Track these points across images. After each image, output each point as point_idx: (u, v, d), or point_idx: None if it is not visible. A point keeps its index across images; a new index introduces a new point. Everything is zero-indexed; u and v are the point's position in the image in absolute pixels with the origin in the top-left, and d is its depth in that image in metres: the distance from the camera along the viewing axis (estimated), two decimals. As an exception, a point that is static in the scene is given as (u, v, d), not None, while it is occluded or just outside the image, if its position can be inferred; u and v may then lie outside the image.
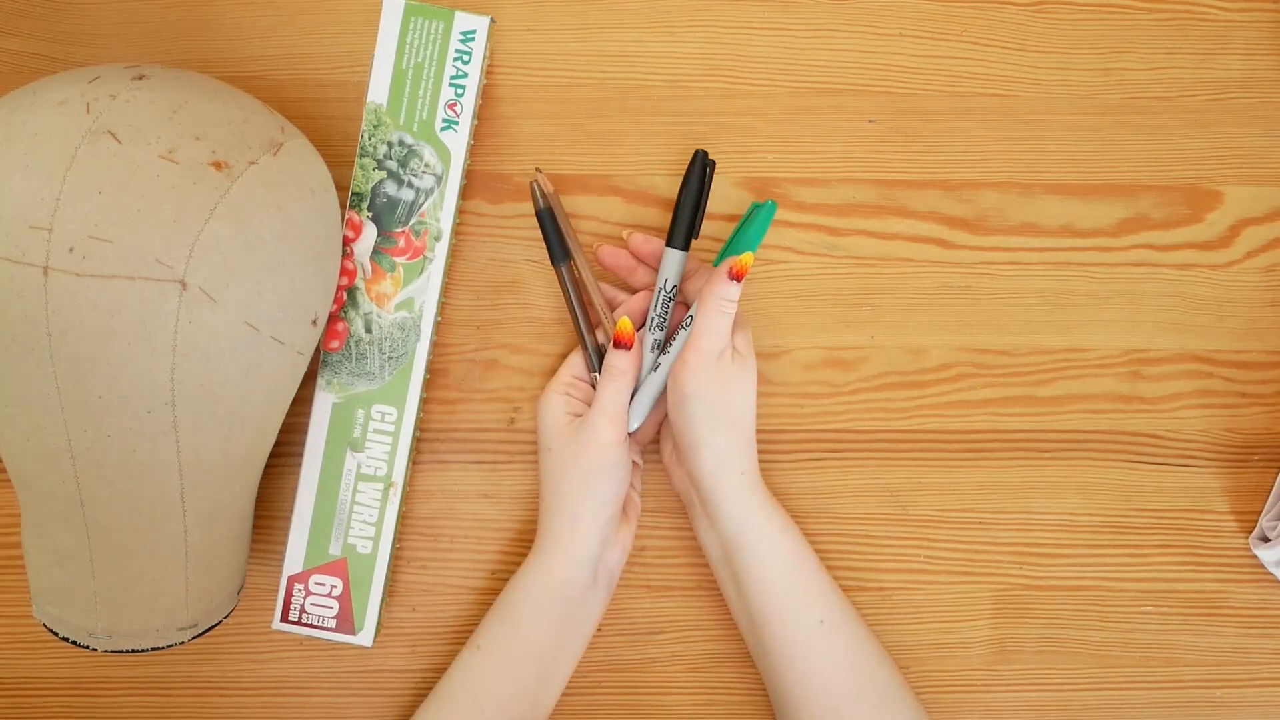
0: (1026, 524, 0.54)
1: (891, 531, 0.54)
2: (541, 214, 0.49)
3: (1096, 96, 0.53)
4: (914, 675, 0.54)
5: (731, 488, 0.47)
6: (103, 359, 0.37)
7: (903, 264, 0.53)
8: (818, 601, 0.47)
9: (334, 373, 0.49)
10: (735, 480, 0.47)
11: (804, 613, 0.47)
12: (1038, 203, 0.53)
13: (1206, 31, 0.53)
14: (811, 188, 0.53)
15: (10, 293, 0.36)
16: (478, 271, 0.52)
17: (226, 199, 0.38)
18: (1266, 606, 0.55)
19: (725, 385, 0.46)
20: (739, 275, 0.45)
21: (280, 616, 0.49)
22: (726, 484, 0.47)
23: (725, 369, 0.46)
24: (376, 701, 0.53)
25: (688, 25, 0.52)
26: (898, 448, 0.54)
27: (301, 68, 0.51)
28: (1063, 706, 0.55)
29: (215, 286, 0.38)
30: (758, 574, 0.47)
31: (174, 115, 0.38)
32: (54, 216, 0.36)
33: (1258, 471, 0.55)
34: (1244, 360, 0.54)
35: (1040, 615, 0.54)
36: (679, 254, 0.48)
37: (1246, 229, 0.54)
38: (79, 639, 0.43)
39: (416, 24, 0.48)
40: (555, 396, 0.48)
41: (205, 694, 0.52)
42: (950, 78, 0.53)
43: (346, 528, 0.49)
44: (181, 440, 0.40)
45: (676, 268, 0.48)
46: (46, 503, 0.41)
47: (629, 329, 0.46)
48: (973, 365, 0.54)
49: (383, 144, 0.48)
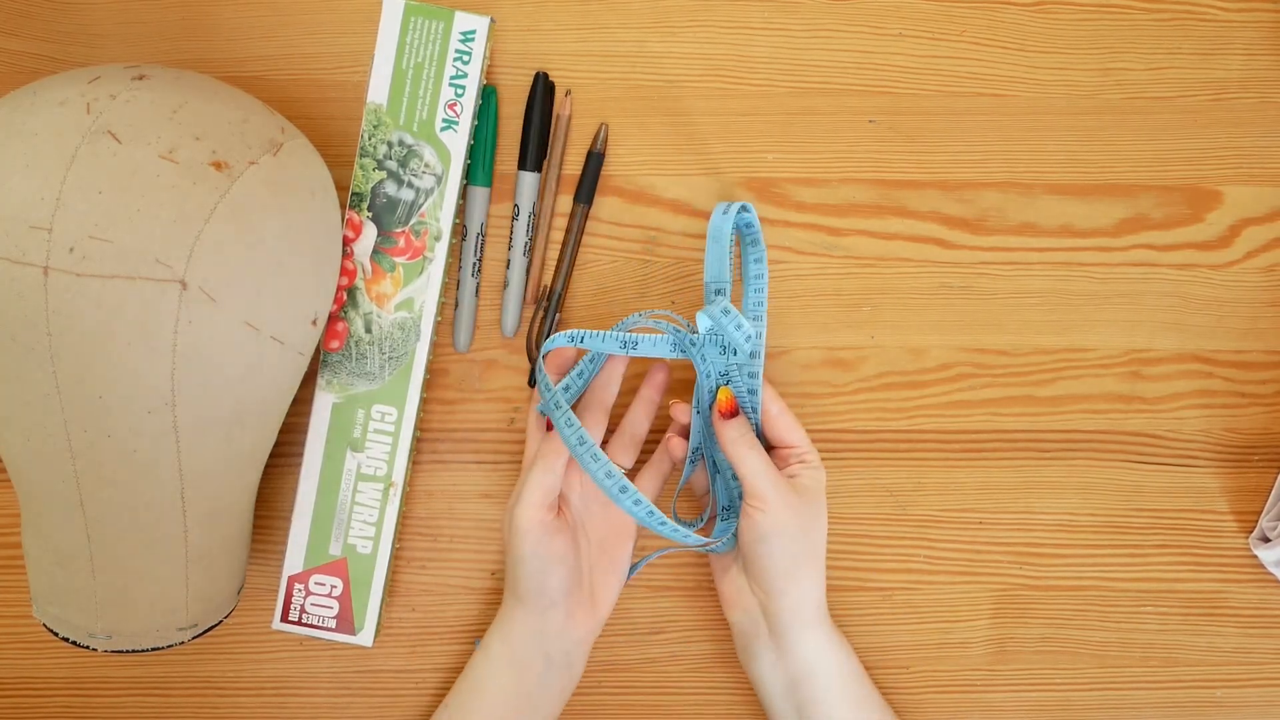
0: (1026, 524, 0.54)
1: (891, 531, 0.54)
2: (593, 155, 0.51)
3: (1096, 96, 0.53)
4: (914, 675, 0.54)
5: (808, 621, 0.47)
6: (103, 359, 0.37)
7: (903, 264, 0.53)
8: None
9: (334, 373, 0.49)
10: (816, 619, 0.47)
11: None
12: (1037, 203, 0.53)
13: (1206, 31, 0.53)
14: (811, 188, 0.53)
15: (10, 293, 0.36)
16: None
17: (226, 199, 0.38)
18: (1266, 606, 0.55)
19: (802, 520, 0.46)
20: (725, 413, 0.46)
21: (280, 616, 0.49)
22: (804, 617, 0.47)
23: (796, 503, 0.46)
24: (376, 701, 0.53)
25: (688, 25, 0.52)
26: (898, 448, 0.54)
27: (301, 68, 0.51)
28: (1063, 706, 0.55)
29: (215, 286, 0.38)
30: (825, 708, 0.47)
31: (174, 115, 0.38)
32: (54, 216, 0.36)
33: (1258, 471, 0.55)
34: (1244, 360, 0.54)
35: (1040, 615, 0.54)
36: (530, 175, 0.50)
37: (1246, 229, 0.54)
38: (79, 639, 0.43)
39: (416, 24, 0.48)
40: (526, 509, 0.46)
41: (205, 694, 0.52)
42: (950, 78, 0.53)
43: (346, 528, 0.49)
44: (181, 440, 0.40)
45: (529, 191, 0.50)
46: (46, 503, 0.41)
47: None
48: (972, 365, 0.54)
49: (383, 144, 0.48)
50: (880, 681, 0.54)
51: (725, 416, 0.46)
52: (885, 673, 0.54)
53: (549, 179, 0.51)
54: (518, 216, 0.51)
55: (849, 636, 0.52)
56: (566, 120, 0.51)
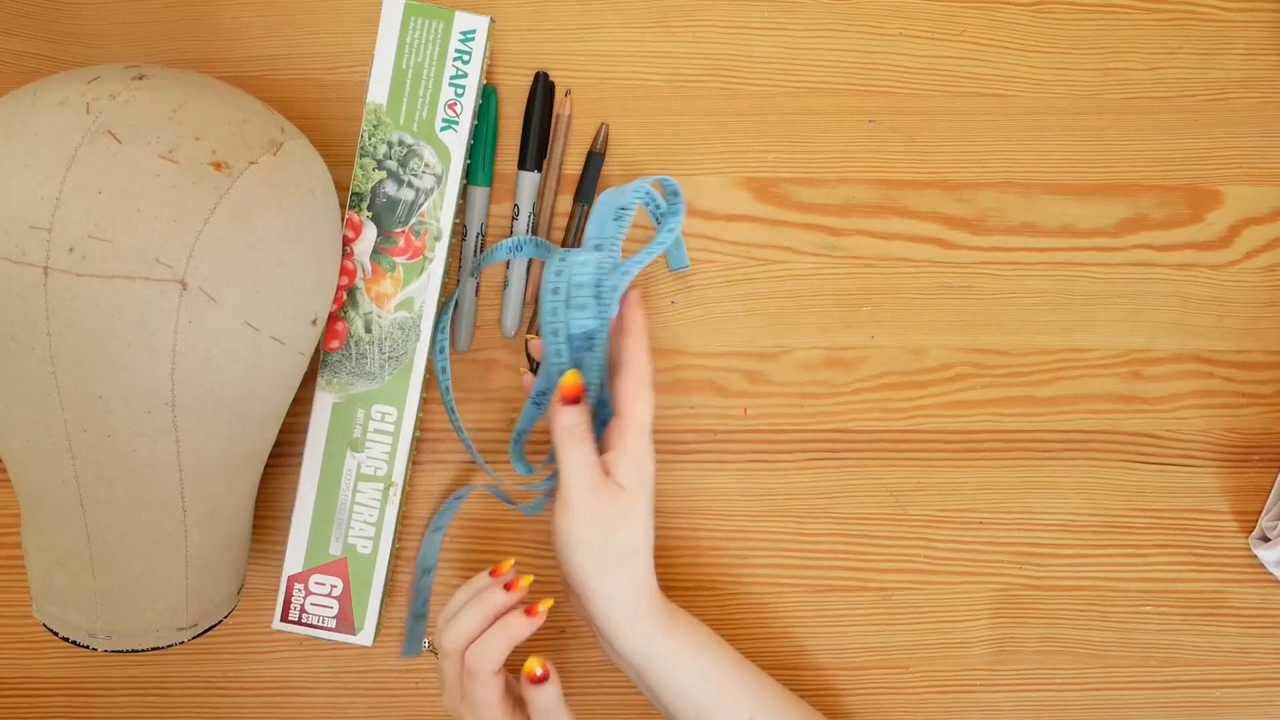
0: (1026, 524, 0.54)
1: (891, 531, 0.54)
2: (593, 155, 0.50)
3: (1096, 96, 0.53)
4: (914, 675, 0.54)
5: (625, 627, 0.44)
6: (103, 359, 0.37)
7: (903, 264, 0.53)
8: (745, 702, 0.46)
9: (334, 373, 0.49)
10: (629, 619, 0.44)
11: (731, 715, 0.45)
12: (1037, 203, 0.53)
13: (1206, 31, 0.53)
14: (811, 188, 0.53)
15: (10, 293, 0.36)
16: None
17: (226, 199, 0.38)
18: (1266, 606, 0.55)
19: (605, 526, 0.43)
20: (568, 398, 0.43)
21: (280, 616, 0.49)
22: (620, 623, 0.44)
23: (603, 508, 0.43)
24: (376, 701, 0.53)
25: (688, 25, 0.52)
26: (898, 448, 0.54)
27: (301, 68, 0.51)
28: (1063, 706, 0.55)
29: (215, 286, 0.38)
30: (671, 695, 0.45)
31: (174, 115, 0.38)
32: (54, 216, 0.36)
33: (1258, 471, 0.55)
34: (1244, 360, 0.54)
35: (1040, 615, 0.54)
36: (530, 175, 0.50)
37: (1246, 229, 0.54)
38: (79, 639, 0.43)
39: (416, 24, 0.48)
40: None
41: (205, 694, 0.52)
42: (950, 78, 0.53)
43: (346, 528, 0.49)
44: (181, 440, 0.40)
45: (529, 191, 0.50)
46: (46, 503, 0.41)
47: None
48: (973, 365, 0.54)
49: (383, 144, 0.48)
50: (880, 681, 0.54)
51: (565, 402, 0.43)
52: (885, 673, 0.54)
53: (549, 179, 0.51)
54: (518, 216, 0.51)
55: (849, 636, 0.52)
56: (566, 120, 0.51)
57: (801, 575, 0.54)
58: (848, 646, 0.54)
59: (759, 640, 0.54)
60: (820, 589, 0.54)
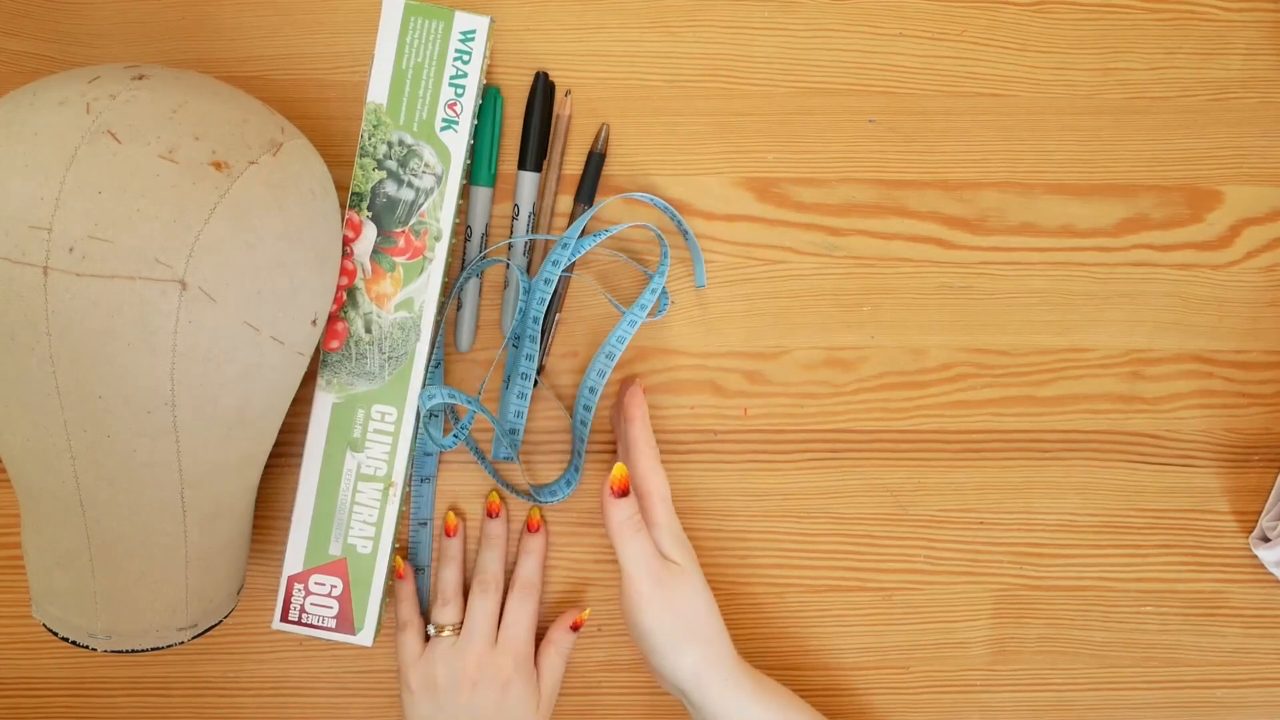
0: (1026, 524, 0.54)
1: (891, 531, 0.54)
2: (593, 155, 0.51)
3: (1096, 96, 0.53)
4: (914, 675, 0.54)
5: (716, 693, 0.46)
6: (103, 359, 0.37)
7: (903, 264, 0.53)
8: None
9: (334, 373, 0.49)
10: (719, 685, 0.46)
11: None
12: (1038, 203, 0.53)
13: (1206, 31, 0.53)
14: (811, 188, 0.53)
15: (10, 293, 0.36)
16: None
17: (226, 199, 0.38)
18: (1266, 606, 0.55)
19: (674, 604, 0.45)
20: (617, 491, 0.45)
21: (280, 616, 0.49)
22: (711, 691, 0.46)
23: (668, 590, 0.45)
24: (376, 701, 0.53)
25: (688, 25, 0.52)
26: (898, 448, 0.54)
27: (301, 68, 0.51)
28: (1063, 706, 0.55)
29: (215, 286, 0.38)
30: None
31: (174, 115, 0.38)
32: (54, 216, 0.36)
33: (1258, 471, 0.55)
34: (1244, 360, 0.54)
35: (1040, 615, 0.54)
36: (530, 175, 0.50)
37: (1246, 229, 0.54)
38: (79, 639, 0.43)
39: (416, 24, 0.48)
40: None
41: (205, 694, 0.52)
42: (950, 78, 0.53)
43: (346, 528, 0.49)
44: (181, 440, 0.40)
45: (529, 191, 0.50)
46: (46, 503, 0.41)
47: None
48: (973, 365, 0.54)
49: (383, 144, 0.48)
50: (880, 681, 0.54)
51: (616, 495, 0.45)
52: (885, 673, 0.54)
53: (549, 179, 0.51)
54: (518, 216, 0.51)
55: (849, 636, 0.52)
56: (566, 120, 0.51)
57: (801, 575, 0.54)
58: (848, 646, 0.54)
59: (759, 640, 0.54)
60: (820, 589, 0.54)
